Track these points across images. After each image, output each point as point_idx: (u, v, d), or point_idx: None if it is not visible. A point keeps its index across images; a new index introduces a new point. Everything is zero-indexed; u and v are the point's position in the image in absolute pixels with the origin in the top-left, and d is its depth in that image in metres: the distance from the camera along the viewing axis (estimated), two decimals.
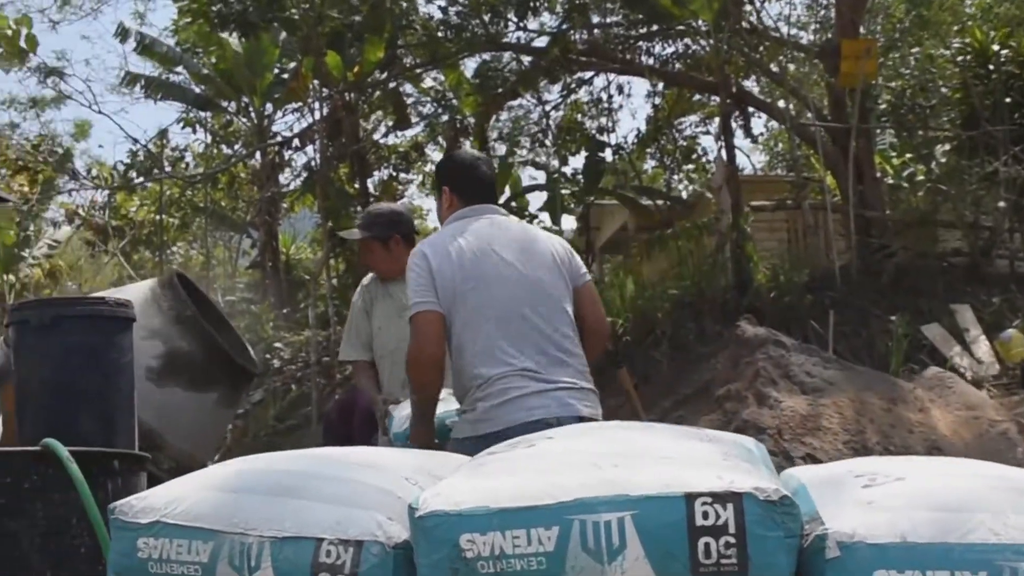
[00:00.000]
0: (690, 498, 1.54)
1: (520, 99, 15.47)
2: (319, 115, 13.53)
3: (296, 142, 14.95)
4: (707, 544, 1.52)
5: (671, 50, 14.02)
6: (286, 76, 15.05)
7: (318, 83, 13.16)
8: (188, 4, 12.83)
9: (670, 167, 16.78)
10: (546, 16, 13.72)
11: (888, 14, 15.13)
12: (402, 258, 3.68)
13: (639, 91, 48.96)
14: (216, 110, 16.58)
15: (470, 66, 14.74)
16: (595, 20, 13.46)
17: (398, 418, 3.46)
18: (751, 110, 13.80)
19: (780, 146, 19.58)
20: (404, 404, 3.47)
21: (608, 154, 15.50)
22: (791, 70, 14.88)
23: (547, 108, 15.71)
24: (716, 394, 6.60)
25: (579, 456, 1.73)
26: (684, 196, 16.73)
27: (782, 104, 14.84)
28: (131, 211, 19.09)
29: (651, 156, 17.27)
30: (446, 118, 14.91)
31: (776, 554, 1.53)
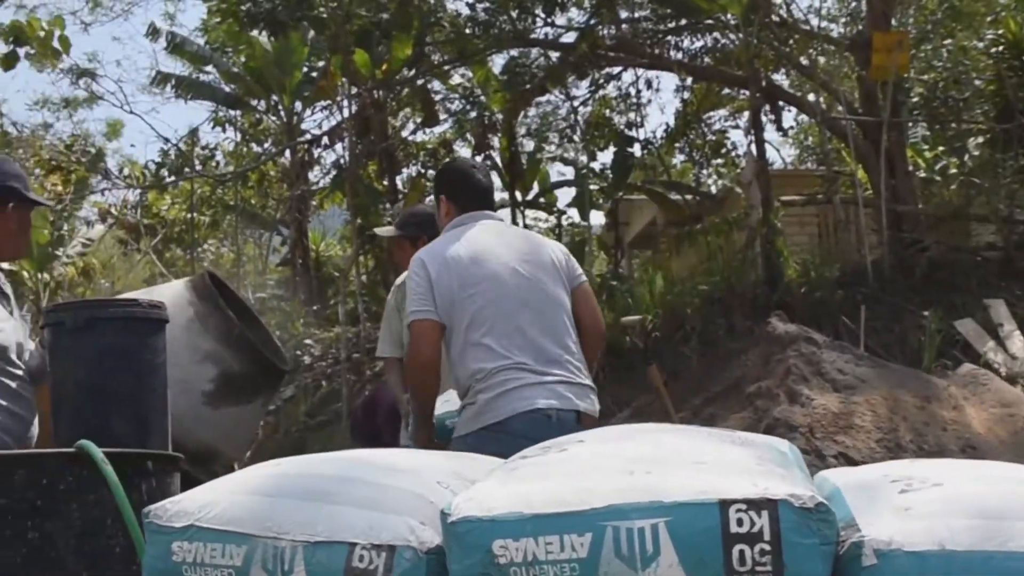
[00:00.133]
0: (724, 505, 1.52)
1: (548, 95, 15.48)
2: (348, 113, 13.61)
3: (325, 140, 15.03)
4: (742, 551, 1.50)
5: (700, 44, 13.96)
6: (315, 74, 15.14)
7: (347, 81, 13.21)
8: (218, 3, 12.94)
9: (699, 162, 16.69)
10: (574, 11, 13.73)
11: (920, 6, 14.97)
12: None
13: (668, 86, 48.70)
14: (246, 109, 16.70)
15: (498, 62, 14.79)
16: (623, 15, 13.40)
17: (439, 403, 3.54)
18: (781, 104, 13.67)
19: (810, 140, 19.45)
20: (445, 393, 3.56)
21: (637, 149, 15.49)
22: (821, 63, 14.77)
23: (575, 104, 15.70)
24: (747, 391, 6.56)
25: (612, 461, 1.72)
26: (713, 191, 16.67)
27: (812, 98, 14.65)
28: (163, 210, 19.29)
29: (680, 151, 17.19)
30: (474, 115, 14.94)
31: (812, 561, 1.50)
